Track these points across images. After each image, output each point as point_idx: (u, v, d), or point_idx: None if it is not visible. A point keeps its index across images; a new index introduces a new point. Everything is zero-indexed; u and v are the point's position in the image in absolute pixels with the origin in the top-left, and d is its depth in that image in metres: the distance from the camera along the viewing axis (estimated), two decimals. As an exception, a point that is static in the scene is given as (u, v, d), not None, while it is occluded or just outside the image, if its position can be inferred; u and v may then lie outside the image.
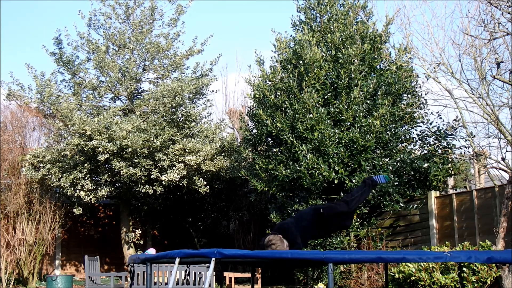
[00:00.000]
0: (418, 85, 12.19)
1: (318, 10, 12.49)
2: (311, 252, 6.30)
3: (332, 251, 5.82)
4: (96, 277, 11.61)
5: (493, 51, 9.40)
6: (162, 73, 15.28)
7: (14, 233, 14.36)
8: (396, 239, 12.67)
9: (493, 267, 9.46)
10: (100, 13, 15.13)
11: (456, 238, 11.47)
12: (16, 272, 14.41)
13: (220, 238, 16.77)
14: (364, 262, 5.50)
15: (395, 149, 11.68)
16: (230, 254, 5.33)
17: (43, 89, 14.42)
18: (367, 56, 11.89)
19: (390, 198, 11.54)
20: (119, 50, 15.05)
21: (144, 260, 5.96)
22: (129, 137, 13.17)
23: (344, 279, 11.97)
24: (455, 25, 25.44)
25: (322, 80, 11.71)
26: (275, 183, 11.87)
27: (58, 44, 15.14)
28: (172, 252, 5.62)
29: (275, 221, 12.05)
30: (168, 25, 15.34)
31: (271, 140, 12.59)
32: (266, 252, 5.76)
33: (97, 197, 13.91)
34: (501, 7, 9.13)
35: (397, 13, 11.42)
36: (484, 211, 11.14)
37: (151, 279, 6.23)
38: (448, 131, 11.82)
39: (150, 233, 17.50)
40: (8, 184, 14.81)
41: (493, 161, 9.95)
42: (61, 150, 13.79)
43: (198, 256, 5.51)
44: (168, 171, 13.71)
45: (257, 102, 12.42)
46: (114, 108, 14.32)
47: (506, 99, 9.67)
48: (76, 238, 17.04)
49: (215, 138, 14.79)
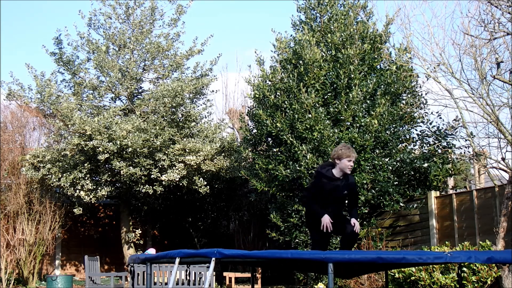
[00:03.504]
0: (418, 85, 12.20)
1: (318, 10, 12.49)
2: (311, 252, 6.30)
3: (332, 251, 5.82)
4: (96, 277, 11.61)
5: (493, 51, 9.40)
6: (162, 73, 15.28)
7: (14, 233, 14.36)
8: (396, 239, 12.67)
9: (493, 267, 9.45)
10: (100, 13, 15.14)
11: (456, 238, 11.47)
12: (16, 272, 14.41)
13: (220, 238, 16.77)
14: (364, 262, 5.46)
15: (395, 148, 11.68)
16: (230, 254, 5.33)
17: (43, 89, 14.41)
18: (367, 56, 11.89)
19: (390, 198, 11.54)
20: (119, 50, 15.04)
21: (144, 260, 5.97)
22: (129, 137, 13.17)
23: (344, 279, 11.97)
24: (455, 25, 25.43)
25: (322, 80, 11.71)
26: (275, 183, 11.87)
27: (58, 44, 15.14)
28: (172, 252, 5.63)
29: (275, 221, 12.06)
30: (168, 25, 15.34)
31: (271, 140, 12.59)
32: (266, 252, 5.76)
33: (97, 197, 13.91)
34: (501, 7, 9.12)
35: (397, 13, 11.44)
36: (484, 211, 11.13)
37: (151, 279, 6.24)
38: (448, 131, 11.82)
39: (150, 233, 17.49)
40: (8, 184, 14.81)
41: (493, 161, 9.95)
42: (61, 150, 13.79)
43: (198, 256, 5.51)
44: (168, 171, 13.71)
45: (257, 102, 12.42)
46: (114, 108, 14.32)
47: (506, 99, 9.68)
48: (76, 238, 17.04)
49: (215, 138, 14.78)
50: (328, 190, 6.33)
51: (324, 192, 6.36)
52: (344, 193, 6.40)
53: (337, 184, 6.35)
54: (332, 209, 6.38)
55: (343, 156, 6.29)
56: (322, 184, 6.35)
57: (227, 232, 17.39)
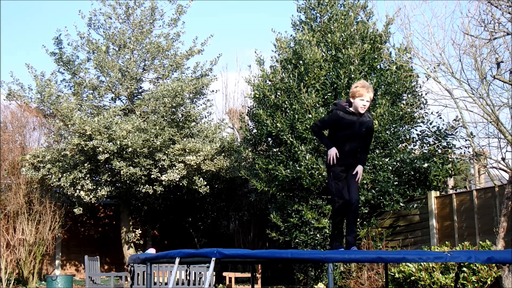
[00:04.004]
0: (418, 85, 12.19)
1: (319, 10, 12.48)
2: (311, 252, 6.30)
3: (332, 251, 5.82)
4: (96, 277, 11.61)
5: (493, 51, 9.40)
6: (162, 73, 15.28)
7: (14, 233, 14.36)
8: (396, 239, 12.67)
9: (493, 267, 9.45)
10: (100, 13, 15.15)
11: (456, 238, 11.47)
12: (16, 272, 14.41)
13: (220, 238, 16.77)
14: (364, 262, 5.49)
15: (395, 149, 11.68)
16: (230, 254, 5.33)
17: (43, 89, 14.41)
18: (367, 56, 11.89)
19: (390, 198, 11.54)
20: (119, 50, 15.05)
21: (144, 260, 5.97)
22: (129, 137, 13.17)
23: (344, 279, 11.97)
24: (455, 25, 25.44)
25: (322, 80, 11.71)
26: (275, 183, 11.87)
27: (58, 44, 15.14)
28: (172, 252, 5.63)
29: (275, 221, 12.06)
30: (168, 25, 15.34)
31: (271, 140, 12.58)
32: (266, 252, 5.76)
33: (97, 197, 13.91)
34: (501, 7, 9.12)
35: (397, 13, 11.44)
36: (484, 211, 11.13)
37: (151, 279, 6.24)
38: (448, 131, 11.82)
39: (150, 233, 17.50)
40: (8, 184, 14.81)
41: (493, 161, 9.94)
42: (61, 150, 13.79)
43: (198, 256, 5.51)
44: (168, 171, 13.71)
45: (257, 102, 12.42)
46: (114, 108, 14.32)
47: (506, 99, 9.68)
48: (76, 238, 17.05)
49: (215, 138, 14.79)
50: (344, 125, 6.08)
51: (341, 127, 6.11)
52: (362, 130, 6.14)
53: (353, 120, 6.09)
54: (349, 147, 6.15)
55: (356, 95, 6.05)
56: (339, 118, 6.09)
57: (227, 232, 17.39)
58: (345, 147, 6.15)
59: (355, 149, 6.25)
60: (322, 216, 11.62)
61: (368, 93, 6.05)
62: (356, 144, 6.23)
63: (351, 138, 6.17)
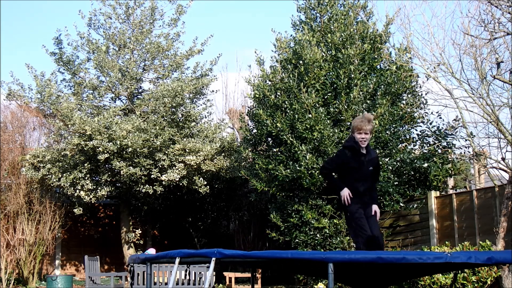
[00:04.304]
0: (418, 85, 12.19)
1: (318, 10, 12.48)
2: (311, 252, 6.30)
3: (332, 251, 5.82)
4: (96, 277, 11.61)
5: (493, 51, 9.39)
6: (162, 73, 15.29)
7: (14, 233, 14.36)
8: (396, 239, 12.67)
9: (493, 267, 9.45)
10: (100, 13, 15.16)
11: (456, 238, 11.47)
12: (16, 272, 14.41)
13: (220, 238, 16.77)
14: (364, 262, 5.44)
15: (395, 148, 11.67)
16: (230, 254, 5.33)
17: (43, 89, 14.42)
18: (367, 56, 11.89)
19: (390, 198, 11.54)
20: (119, 50, 15.05)
21: (144, 260, 5.97)
22: (129, 137, 13.17)
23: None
24: (455, 25, 25.45)
25: (322, 80, 11.70)
26: (275, 183, 11.86)
27: (58, 44, 15.15)
28: (172, 252, 5.63)
29: (275, 221, 12.06)
30: (168, 25, 15.35)
31: (271, 140, 12.58)
32: (266, 252, 5.76)
33: (97, 197, 13.92)
34: (502, 6, 9.12)
35: (397, 13, 11.43)
36: (484, 211, 11.13)
37: (151, 279, 6.24)
38: (448, 131, 11.81)
39: (150, 233, 17.50)
40: (8, 184, 14.81)
41: (493, 161, 9.94)
42: (61, 150, 13.80)
43: (198, 256, 5.51)
44: (168, 171, 13.70)
45: (257, 102, 12.42)
46: (114, 108, 14.32)
47: (506, 99, 9.67)
48: (76, 238, 17.05)
49: (215, 138, 14.79)
50: (352, 167, 6.03)
51: (350, 168, 6.06)
52: (370, 169, 6.10)
53: (361, 160, 6.03)
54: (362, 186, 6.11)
55: (355, 130, 5.98)
56: (347, 160, 6.02)
57: (227, 232, 17.39)
58: (359, 188, 6.14)
59: (368, 187, 6.25)
60: (322, 216, 11.62)
61: (366, 124, 5.96)
62: (368, 183, 6.23)
63: (361, 179, 6.15)
